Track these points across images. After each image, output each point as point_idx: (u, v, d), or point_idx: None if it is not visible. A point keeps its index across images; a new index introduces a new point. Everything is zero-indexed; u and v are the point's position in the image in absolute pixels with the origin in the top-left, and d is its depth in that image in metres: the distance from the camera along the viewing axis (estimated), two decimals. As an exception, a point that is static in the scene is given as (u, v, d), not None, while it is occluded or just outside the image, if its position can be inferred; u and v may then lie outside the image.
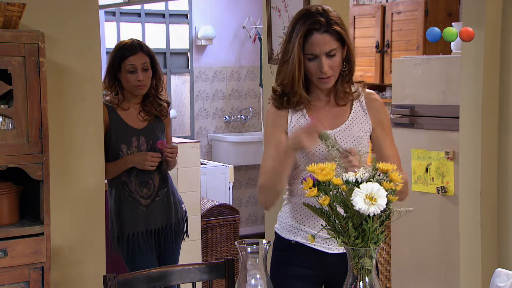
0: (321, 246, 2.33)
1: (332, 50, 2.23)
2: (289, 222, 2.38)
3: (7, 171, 2.82)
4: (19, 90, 2.76)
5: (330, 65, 2.24)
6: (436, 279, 4.42)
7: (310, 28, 2.22)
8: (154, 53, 3.44)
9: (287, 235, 2.37)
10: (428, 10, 5.20)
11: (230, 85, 7.31)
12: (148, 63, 3.36)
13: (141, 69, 3.32)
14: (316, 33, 2.21)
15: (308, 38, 2.22)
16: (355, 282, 1.70)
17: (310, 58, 2.25)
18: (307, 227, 2.34)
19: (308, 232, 2.33)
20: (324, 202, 1.71)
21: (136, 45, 3.35)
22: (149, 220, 3.36)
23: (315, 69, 2.25)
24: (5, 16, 2.75)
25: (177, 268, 2.29)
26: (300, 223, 2.35)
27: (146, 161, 3.27)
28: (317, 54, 2.23)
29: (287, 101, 2.32)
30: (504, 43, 3.45)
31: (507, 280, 2.15)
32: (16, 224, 2.87)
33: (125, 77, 3.33)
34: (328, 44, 2.22)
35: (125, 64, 3.31)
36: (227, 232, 5.11)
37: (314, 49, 2.22)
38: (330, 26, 2.22)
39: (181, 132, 7.13)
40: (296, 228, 2.36)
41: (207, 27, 7.00)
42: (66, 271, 3.20)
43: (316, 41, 2.22)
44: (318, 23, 2.21)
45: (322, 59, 2.23)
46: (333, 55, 2.24)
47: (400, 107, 4.60)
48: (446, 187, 4.31)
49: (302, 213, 2.35)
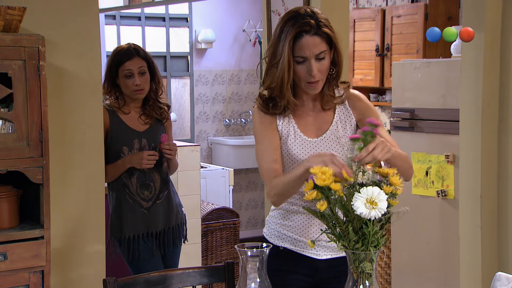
0: (309, 253, 2.31)
1: (321, 52, 2.19)
2: (277, 228, 2.36)
3: (7, 175, 2.82)
4: (19, 94, 2.76)
5: (319, 69, 2.20)
6: (436, 283, 4.42)
7: (300, 30, 2.17)
8: (152, 57, 3.44)
9: (276, 240, 2.35)
10: (428, 13, 5.21)
11: (230, 88, 7.32)
12: (145, 67, 3.35)
13: (138, 73, 3.32)
14: (306, 35, 2.17)
15: (298, 41, 2.18)
16: (355, 286, 1.70)
17: (299, 61, 2.20)
18: (295, 234, 2.32)
19: (296, 238, 2.31)
20: (321, 207, 1.72)
21: (132, 49, 3.35)
22: (150, 223, 3.36)
23: (304, 72, 2.21)
24: (5, 20, 2.75)
25: (177, 271, 2.28)
26: (288, 230, 2.33)
27: (143, 159, 3.27)
28: (307, 57, 2.19)
29: (273, 106, 2.28)
30: (504, 46, 3.45)
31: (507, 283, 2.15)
32: (16, 227, 2.87)
33: (123, 82, 3.33)
34: (318, 46, 2.18)
35: (122, 69, 3.31)
36: (227, 235, 5.10)
37: (304, 52, 2.18)
38: (320, 28, 2.18)
39: (181, 135, 7.13)
40: (284, 235, 2.34)
41: (207, 31, 7.01)
42: (66, 274, 3.20)
43: (306, 44, 2.17)
44: (308, 25, 2.17)
45: (312, 62, 2.19)
46: (322, 58, 2.20)
47: (400, 111, 4.60)
48: (446, 191, 4.31)
49: (291, 219, 2.33)
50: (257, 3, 7.12)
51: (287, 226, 2.33)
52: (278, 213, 2.37)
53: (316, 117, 2.33)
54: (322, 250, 2.31)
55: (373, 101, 5.97)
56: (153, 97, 3.42)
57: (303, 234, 2.31)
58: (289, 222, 2.33)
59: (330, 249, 2.31)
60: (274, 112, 2.29)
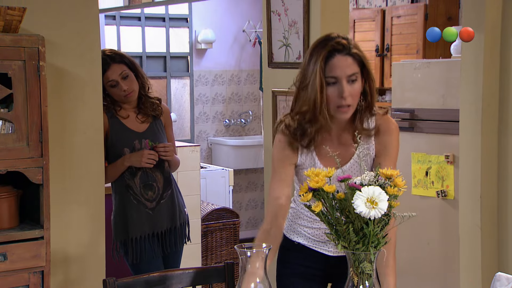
0: (321, 249, 2.38)
1: (354, 74, 2.14)
2: (293, 225, 2.43)
3: (7, 175, 2.82)
4: (19, 94, 2.76)
5: (350, 92, 2.14)
6: (436, 283, 4.42)
7: (332, 49, 2.14)
8: (129, 56, 3.41)
9: (291, 235, 2.42)
10: (428, 14, 5.21)
11: (230, 88, 7.32)
12: (126, 70, 3.34)
13: (121, 79, 3.32)
14: (338, 54, 2.13)
15: (330, 60, 2.13)
16: (354, 286, 1.70)
17: (330, 81, 2.14)
18: (307, 228, 2.38)
19: (309, 237, 2.38)
20: (316, 208, 1.72)
21: (107, 58, 3.30)
22: (155, 223, 3.36)
23: (335, 95, 2.14)
24: (5, 20, 2.75)
25: (177, 272, 2.28)
26: (301, 226, 2.40)
27: (143, 157, 3.27)
28: (339, 77, 2.13)
29: (302, 135, 2.22)
30: (504, 47, 3.45)
31: (507, 284, 2.15)
32: (16, 228, 2.87)
33: (111, 91, 3.34)
34: (350, 67, 2.13)
35: (105, 81, 3.30)
36: (227, 235, 5.10)
37: (335, 71, 2.13)
38: (352, 49, 2.15)
39: (181, 135, 7.13)
40: (298, 230, 2.41)
41: (207, 31, 7.01)
42: (66, 275, 3.19)
43: (338, 63, 2.13)
44: (341, 45, 2.14)
45: (344, 84, 2.13)
46: (354, 80, 2.15)
47: (400, 111, 4.60)
48: (446, 191, 4.31)
49: (302, 218, 2.39)
50: (257, 4, 7.12)
51: (301, 224, 2.40)
52: (293, 212, 2.43)
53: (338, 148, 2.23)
54: (334, 247, 2.35)
55: (373, 102, 5.97)
56: (143, 94, 3.42)
57: (313, 230, 2.38)
58: (302, 221, 2.40)
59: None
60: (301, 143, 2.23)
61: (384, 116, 2.29)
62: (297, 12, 3.58)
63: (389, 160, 2.24)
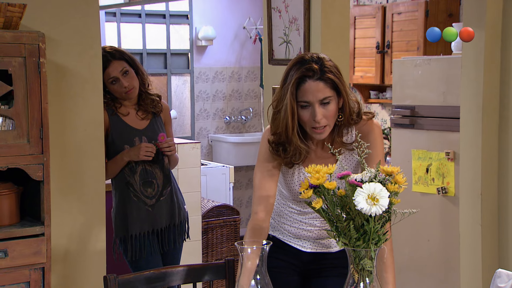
0: (296, 244, 2.40)
1: (326, 98, 2.16)
2: (273, 220, 2.44)
3: (8, 172, 2.82)
4: (19, 91, 2.76)
5: (324, 114, 2.17)
6: (436, 280, 4.42)
7: (303, 75, 2.16)
8: (129, 53, 3.42)
9: (271, 230, 2.44)
10: (428, 10, 5.20)
11: (231, 85, 7.31)
12: (126, 66, 3.34)
13: (122, 75, 3.32)
14: (309, 80, 2.16)
15: (301, 85, 2.16)
16: (355, 283, 1.70)
17: (303, 105, 2.18)
18: (286, 225, 2.40)
19: (287, 230, 2.40)
20: (316, 205, 1.73)
21: (107, 55, 3.31)
22: (155, 220, 3.37)
23: (308, 117, 2.18)
24: (5, 17, 2.75)
25: (178, 268, 2.29)
26: (280, 222, 2.42)
27: (141, 150, 3.28)
28: (310, 102, 2.17)
29: (284, 151, 2.25)
30: (505, 44, 3.45)
31: (507, 280, 2.15)
32: (16, 224, 2.87)
33: (111, 88, 3.34)
34: (322, 91, 2.16)
35: (106, 78, 3.31)
36: (227, 232, 5.10)
37: (307, 96, 2.16)
38: (324, 74, 2.16)
39: (181, 132, 7.13)
40: (277, 225, 2.43)
41: (208, 28, 7.00)
42: (67, 271, 3.20)
43: (309, 89, 2.16)
44: (311, 70, 2.16)
45: (316, 107, 2.16)
46: (328, 103, 2.17)
47: (400, 108, 4.60)
48: (447, 188, 4.31)
49: (283, 213, 2.41)
50: (257, 0, 7.12)
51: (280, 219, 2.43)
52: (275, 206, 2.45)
53: (321, 158, 2.29)
54: (308, 244, 2.38)
55: (373, 99, 5.98)
56: (143, 90, 3.42)
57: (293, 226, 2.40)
58: (282, 215, 2.42)
59: (316, 244, 2.39)
60: (285, 157, 2.25)
61: (368, 121, 2.31)
62: (297, 9, 3.58)
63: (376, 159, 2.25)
